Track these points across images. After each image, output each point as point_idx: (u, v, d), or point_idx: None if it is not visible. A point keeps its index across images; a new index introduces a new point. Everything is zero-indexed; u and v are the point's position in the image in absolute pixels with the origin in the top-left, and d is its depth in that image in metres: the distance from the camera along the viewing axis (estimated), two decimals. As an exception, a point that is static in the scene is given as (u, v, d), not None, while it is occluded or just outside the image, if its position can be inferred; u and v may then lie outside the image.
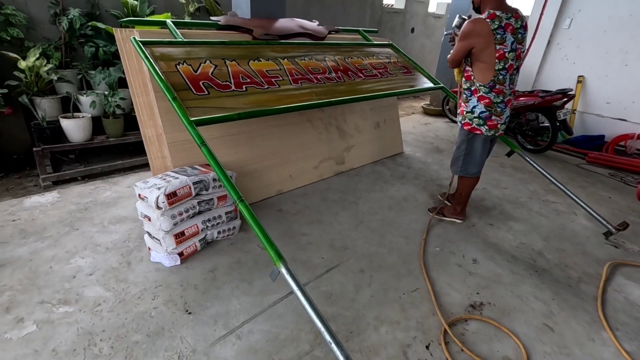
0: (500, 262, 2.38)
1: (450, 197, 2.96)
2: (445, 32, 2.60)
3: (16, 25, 3.16)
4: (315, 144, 3.39)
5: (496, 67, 2.18)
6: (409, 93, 3.32)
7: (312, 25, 3.35)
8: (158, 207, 1.97)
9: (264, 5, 3.21)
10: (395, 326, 1.82)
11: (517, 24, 2.15)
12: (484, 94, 2.28)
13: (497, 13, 2.10)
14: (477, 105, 2.32)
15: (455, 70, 2.57)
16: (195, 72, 2.20)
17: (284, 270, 1.45)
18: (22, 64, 2.98)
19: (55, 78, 3.14)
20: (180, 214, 2.08)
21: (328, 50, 3.17)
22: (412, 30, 7.25)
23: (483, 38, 2.12)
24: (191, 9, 3.99)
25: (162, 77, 1.97)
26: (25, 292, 1.87)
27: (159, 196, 1.94)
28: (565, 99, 4.30)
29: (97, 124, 3.41)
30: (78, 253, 2.19)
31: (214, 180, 2.22)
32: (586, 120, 5.02)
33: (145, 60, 2.06)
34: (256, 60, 2.57)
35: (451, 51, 2.37)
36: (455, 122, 5.92)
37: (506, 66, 2.19)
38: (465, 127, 2.42)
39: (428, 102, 6.72)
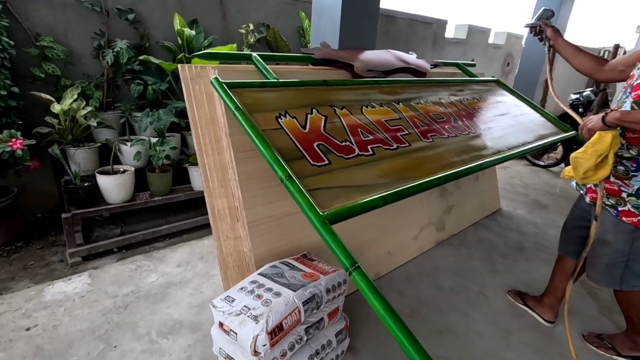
0: None
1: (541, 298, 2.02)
2: (528, 24, 1.95)
3: (52, 60, 2.61)
4: (415, 208, 2.61)
5: None
6: (553, 143, 2.50)
7: (413, 58, 2.67)
8: (255, 353, 1.19)
9: (354, 35, 2.56)
10: None
11: None
12: None
13: None
14: None
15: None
16: (304, 128, 1.49)
17: None
18: (57, 108, 2.38)
19: (95, 124, 2.51)
20: (284, 355, 1.30)
21: (438, 89, 2.46)
22: (472, 60, 6.61)
23: None
24: (251, 40, 3.41)
25: (268, 144, 1.25)
26: None
27: (258, 335, 1.18)
28: None
29: (138, 176, 2.74)
30: (118, 402, 1.43)
31: (328, 291, 1.45)
32: None
33: (237, 113, 1.36)
34: (369, 107, 1.86)
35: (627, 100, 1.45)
36: (536, 165, 5.08)
37: None
38: (626, 219, 1.55)
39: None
